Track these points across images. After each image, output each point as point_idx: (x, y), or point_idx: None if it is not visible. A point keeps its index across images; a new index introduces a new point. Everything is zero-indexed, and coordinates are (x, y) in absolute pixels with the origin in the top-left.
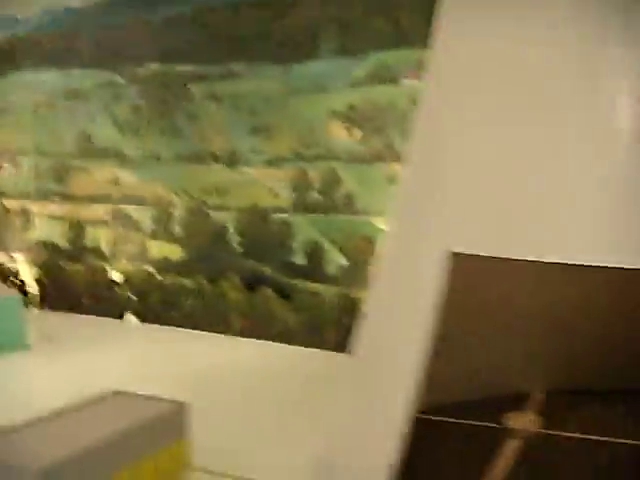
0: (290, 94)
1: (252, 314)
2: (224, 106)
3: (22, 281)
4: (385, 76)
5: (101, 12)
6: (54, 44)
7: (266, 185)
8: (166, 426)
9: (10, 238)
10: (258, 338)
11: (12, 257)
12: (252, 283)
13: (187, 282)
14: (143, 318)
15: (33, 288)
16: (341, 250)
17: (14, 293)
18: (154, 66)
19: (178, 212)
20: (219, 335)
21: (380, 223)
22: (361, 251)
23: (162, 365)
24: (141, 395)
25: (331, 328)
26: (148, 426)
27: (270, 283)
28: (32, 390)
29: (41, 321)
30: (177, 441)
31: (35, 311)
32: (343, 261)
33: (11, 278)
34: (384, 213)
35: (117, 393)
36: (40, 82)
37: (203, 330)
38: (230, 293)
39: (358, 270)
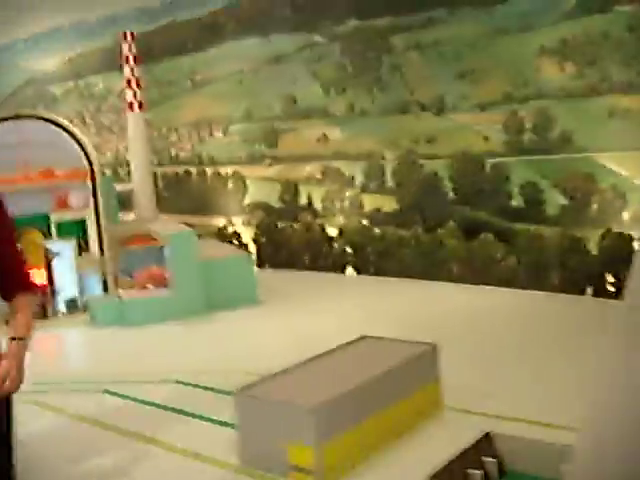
0: (495, 36)
1: (470, 260)
2: (427, 54)
3: (242, 242)
4: (597, 5)
5: None
6: (252, 12)
7: (476, 130)
8: (421, 367)
9: (227, 203)
10: (478, 284)
11: (230, 220)
12: (469, 229)
13: (402, 232)
14: (360, 270)
15: (252, 248)
16: (560, 190)
17: (242, 252)
18: (353, 22)
19: (389, 164)
20: (438, 282)
21: (602, 159)
22: (582, 189)
23: (387, 312)
24: (392, 339)
25: (555, 270)
26: (405, 368)
27: (488, 228)
28: (272, 339)
29: (263, 278)
30: (431, 382)
31: (255, 269)
32: (563, 201)
33: (232, 240)
34: (606, 148)
35: (368, 338)
36: (243, 50)
37: (421, 279)
38: (447, 240)
39: (580, 209)
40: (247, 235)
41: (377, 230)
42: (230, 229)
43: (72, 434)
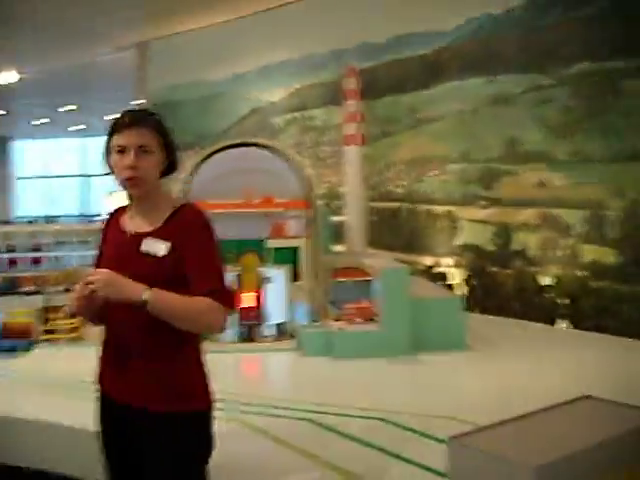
0: None
1: None
2: None
3: (450, 284)
4: None
5: (522, 15)
6: (478, 51)
7: None
8: None
9: (438, 243)
10: None
11: (439, 260)
12: None
13: (624, 287)
14: (575, 324)
15: (461, 291)
16: None
17: (452, 295)
18: (583, 65)
19: (612, 214)
20: None
21: None
22: None
23: (602, 371)
24: (618, 403)
25: None
26: (631, 435)
27: None
28: (479, 387)
29: (471, 322)
30: None
31: (464, 313)
32: None
33: (440, 281)
34: None
35: (591, 398)
36: (465, 90)
37: None
38: None
39: None
40: (456, 277)
41: (594, 283)
42: (438, 269)
43: (274, 458)
